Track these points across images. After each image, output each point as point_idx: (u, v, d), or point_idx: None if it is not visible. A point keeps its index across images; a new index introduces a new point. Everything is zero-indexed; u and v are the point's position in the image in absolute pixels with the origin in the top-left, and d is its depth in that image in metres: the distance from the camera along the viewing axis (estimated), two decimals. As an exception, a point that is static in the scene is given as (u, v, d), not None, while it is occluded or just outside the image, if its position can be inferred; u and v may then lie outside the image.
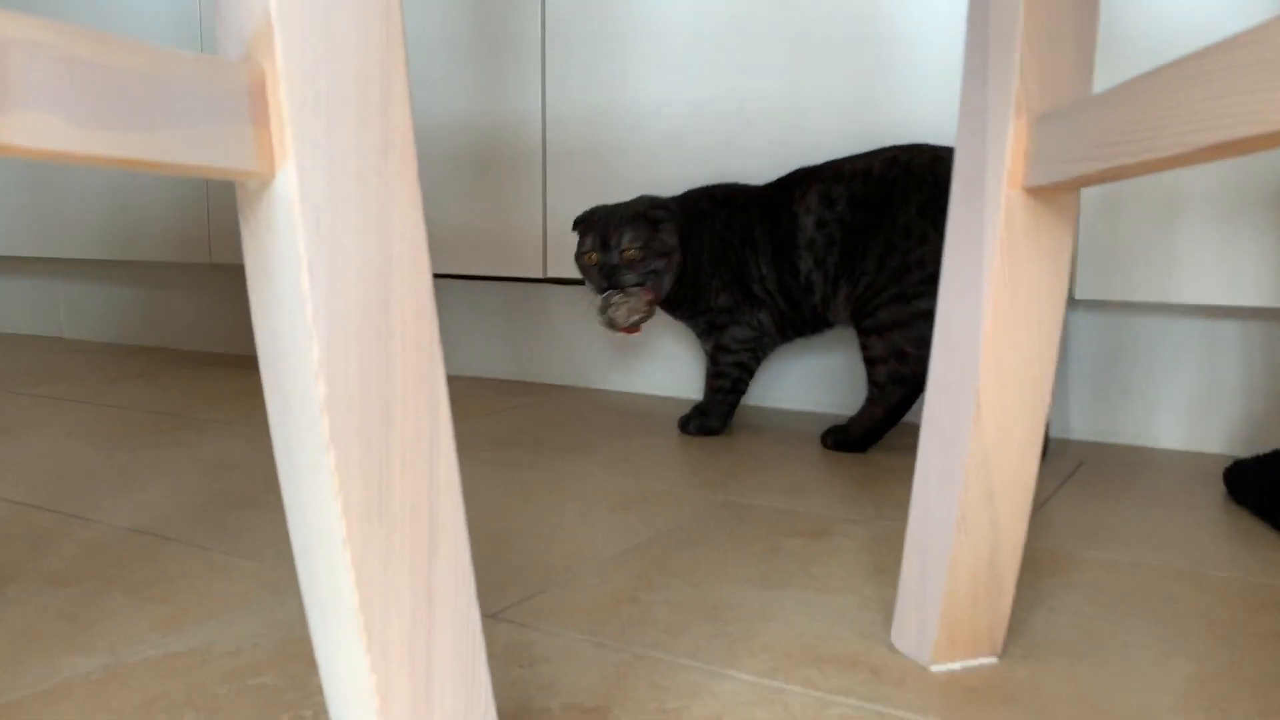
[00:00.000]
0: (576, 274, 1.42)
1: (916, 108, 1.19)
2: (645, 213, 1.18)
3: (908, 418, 1.31)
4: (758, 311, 1.21)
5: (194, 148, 0.30)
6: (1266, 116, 0.32)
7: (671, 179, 1.35)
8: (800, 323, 1.21)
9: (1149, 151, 0.40)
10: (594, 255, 1.18)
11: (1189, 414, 1.16)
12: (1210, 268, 1.06)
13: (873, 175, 1.11)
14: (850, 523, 0.86)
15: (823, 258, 1.14)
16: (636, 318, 1.19)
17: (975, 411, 0.54)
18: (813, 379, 1.37)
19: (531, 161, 1.45)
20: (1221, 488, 0.99)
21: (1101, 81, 0.76)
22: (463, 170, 1.50)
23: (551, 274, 1.45)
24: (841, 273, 1.13)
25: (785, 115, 1.27)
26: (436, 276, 1.66)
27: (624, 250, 1.17)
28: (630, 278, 1.17)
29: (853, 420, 1.13)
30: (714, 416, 1.23)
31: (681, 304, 1.24)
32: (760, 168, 1.29)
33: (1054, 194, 0.52)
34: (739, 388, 1.23)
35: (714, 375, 1.23)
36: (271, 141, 0.32)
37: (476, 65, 1.47)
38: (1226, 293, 1.05)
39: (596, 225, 1.19)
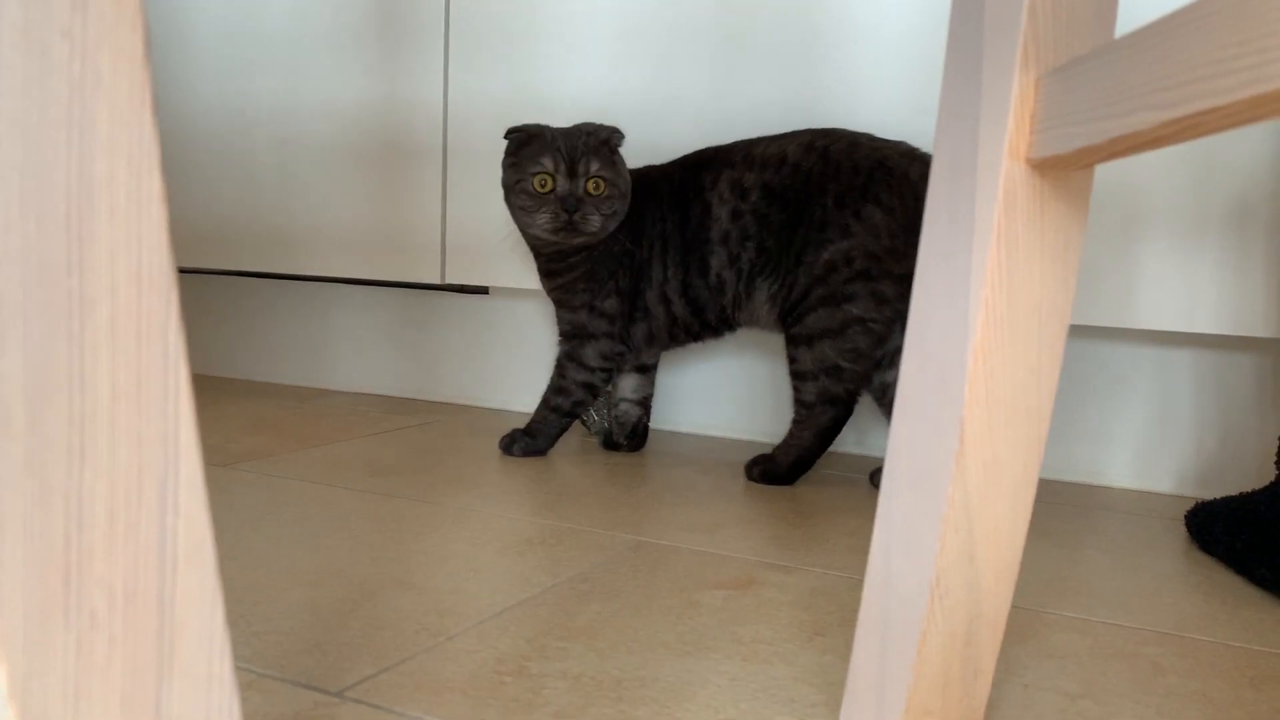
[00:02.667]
0: (477, 281, 1.29)
1: (853, 106, 1.09)
2: (608, 140, 1.03)
3: (835, 444, 1.20)
4: (637, 325, 1.08)
5: None
6: None
7: (585, 179, 1.22)
8: (699, 328, 1.07)
9: (1207, 98, 0.29)
10: (552, 180, 1.00)
11: (1140, 450, 1.07)
12: (1170, 292, 0.97)
13: (788, 163, 0.99)
14: (780, 570, 0.74)
15: (736, 254, 1.01)
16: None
17: (959, 449, 0.42)
18: (740, 401, 1.25)
19: (430, 155, 1.30)
20: (1182, 532, 0.90)
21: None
22: (352, 161, 1.36)
23: (450, 280, 1.31)
24: (759, 270, 1.01)
25: (710, 111, 1.15)
26: (319, 280, 1.50)
27: (590, 178, 1.00)
28: (595, 218, 1.01)
29: (779, 449, 1.02)
30: (543, 438, 1.09)
31: (564, 274, 1.07)
32: (683, 169, 1.17)
33: (1065, 172, 0.41)
34: (577, 412, 1.09)
35: (556, 390, 1.08)
36: None
37: (372, 46, 1.32)
38: (1185, 319, 0.97)
39: (556, 143, 1.01)
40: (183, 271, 1.60)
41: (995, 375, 0.42)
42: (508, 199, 1.03)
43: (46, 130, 0.20)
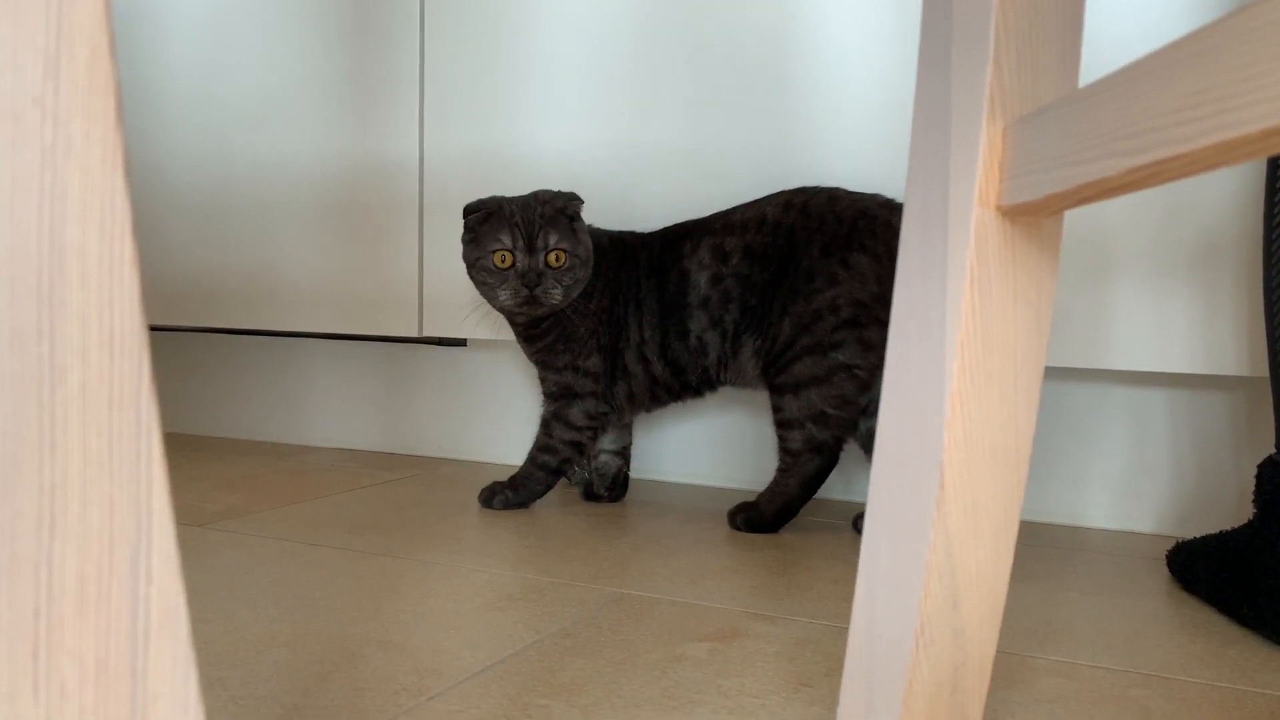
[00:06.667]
0: (455, 334, 1.28)
1: (824, 157, 1.10)
2: (565, 209, 1.02)
3: (820, 490, 1.20)
4: (618, 384, 1.08)
5: None
6: None
7: (562, 231, 1.23)
8: (680, 388, 1.08)
9: (1169, 145, 0.29)
10: (511, 256, 1.01)
11: (1119, 490, 1.07)
12: (1142, 332, 0.98)
13: (768, 222, 1.01)
14: (765, 620, 0.73)
15: (719, 316, 1.02)
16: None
17: (939, 494, 0.42)
18: (721, 449, 1.25)
19: (406, 209, 1.31)
20: (1163, 572, 0.90)
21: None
22: (328, 216, 1.36)
23: (427, 333, 1.31)
24: (744, 328, 1.02)
25: (686, 163, 1.17)
26: (296, 336, 1.49)
27: (550, 251, 1.01)
28: (556, 290, 1.01)
29: (763, 496, 1.01)
30: (525, 493, 1.08)
31: (542, 339, 1.08)
32: (658, 218, 1.18)
33: (1036, 218, 0.41)
34: (564, 470, 1.09)
35: (543, 448, 1.08)
36: None
37: (347, 103, 1.33)
38: (1159, 359, 0.98)
39: (514, 218, 1.01)
40: (160, 329, 1.59)
41: (973, 419, 0.42)
42: (470, 274, 1.04)
43: (18, 198, 0.20)
